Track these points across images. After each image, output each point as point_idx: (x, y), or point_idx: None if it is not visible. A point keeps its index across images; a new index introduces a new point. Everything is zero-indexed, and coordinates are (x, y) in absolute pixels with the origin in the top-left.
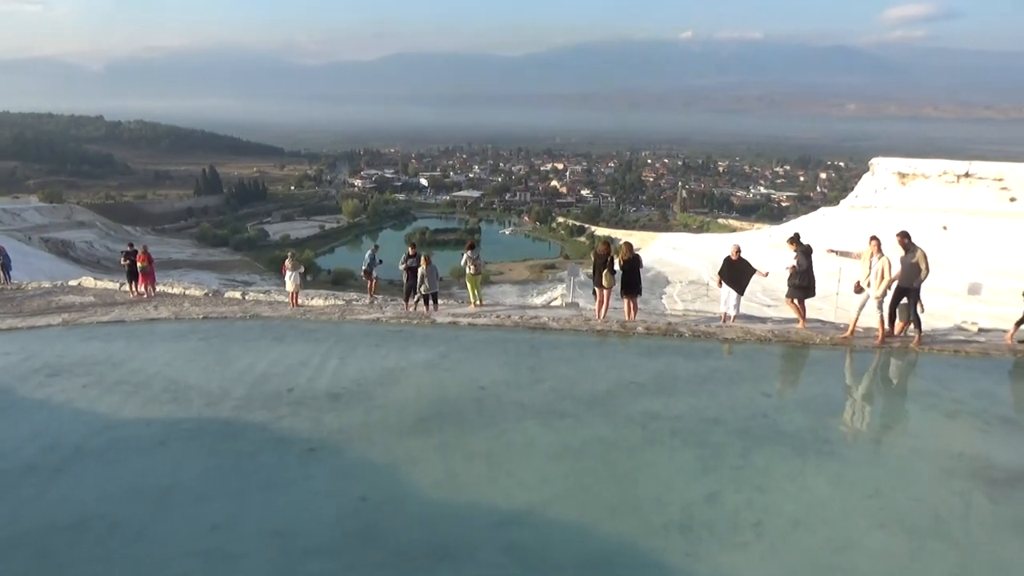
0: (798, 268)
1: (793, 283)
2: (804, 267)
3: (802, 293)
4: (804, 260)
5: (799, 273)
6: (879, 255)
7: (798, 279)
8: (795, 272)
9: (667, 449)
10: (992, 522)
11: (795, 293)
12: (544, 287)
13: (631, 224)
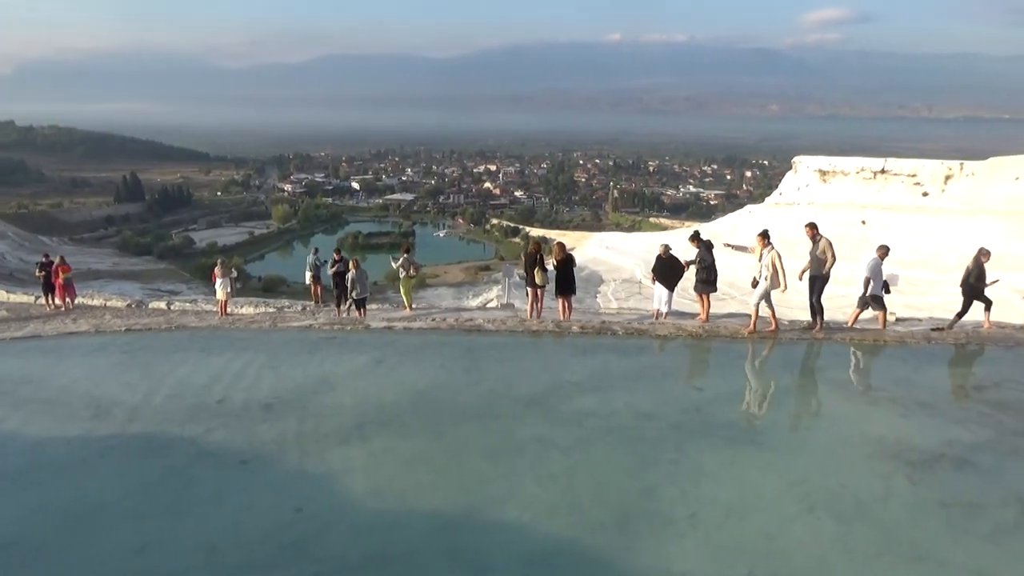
0: (703, 263)
1: (701, 278)
2: (708, 262)
3: (707, 287)
4: (708, 256)
5: (704, 268)
6: (768, 249)
7: (704, 273)
8: (701, 267)
9: (603, 446)
10: (912, 502)
11: (701, 288)
12: (480, 289)
13: (565, 224)
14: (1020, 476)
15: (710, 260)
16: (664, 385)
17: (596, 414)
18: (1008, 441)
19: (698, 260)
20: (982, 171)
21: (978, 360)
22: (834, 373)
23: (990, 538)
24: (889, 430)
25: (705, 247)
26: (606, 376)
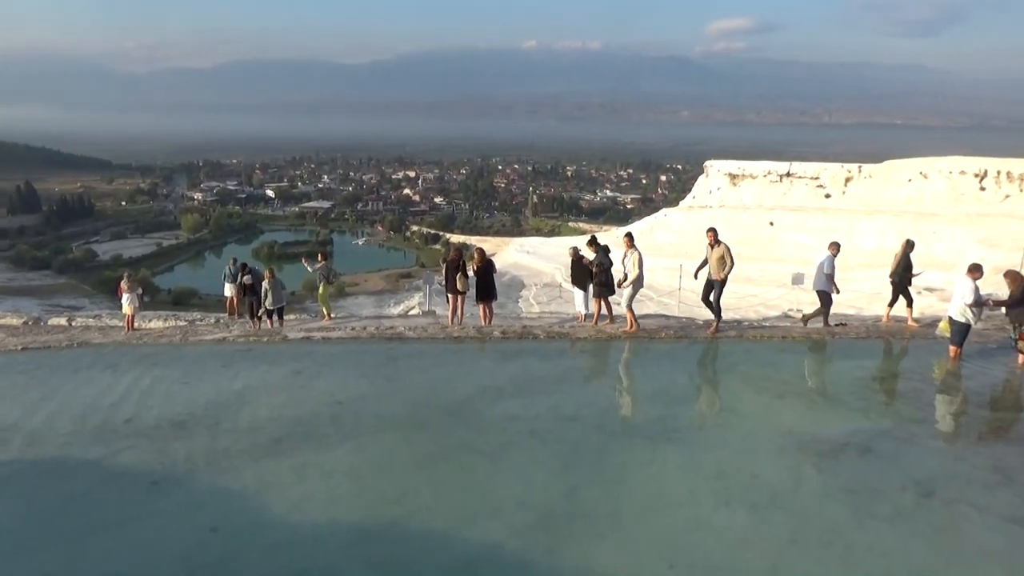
0: (600, 267)
1: (598, 281)
2: (606, 266)
3: (606, 291)
4: (606, 260)
5: (602, 272)
6: (632, 251)
7: (603, 277)
8: (599, 271)
9: (527, 450)
10: (820, 490)
11: (598, 291)
12: (401, 296)
13: (485, 230)
14: (917, 461)
15: (607, 264)
16: (585, 387)
17: (519, 418)
18: (906, 428)
19: (596, 264)
20: (879, 174)
21: (877, 353)
22: (746, 370)
23: (891, 520)
24: (797, 422)
25: (603, 251)
26: (528, 380)
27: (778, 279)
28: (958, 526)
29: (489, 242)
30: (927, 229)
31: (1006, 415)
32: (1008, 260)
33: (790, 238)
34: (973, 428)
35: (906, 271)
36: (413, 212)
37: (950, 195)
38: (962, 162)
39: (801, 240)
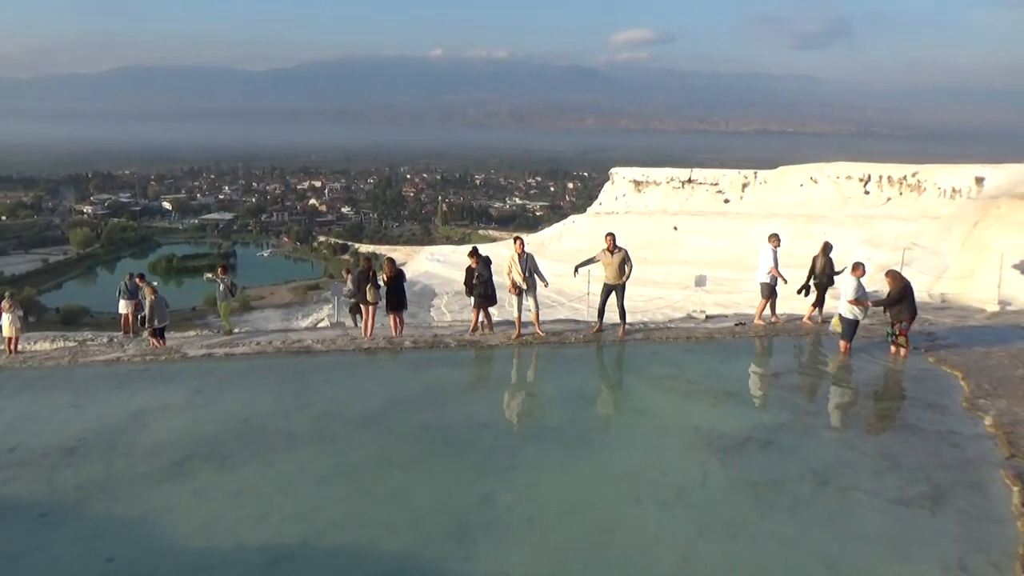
0: (479, 278)
1: (477, 292)
2: (485, 277)
3: (485, 301)
4: (485, 271)
5: (482, 283)
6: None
7: (481, 288)
8: (478, 282)
9: (441, 459)
10: (725, 484)
11: (480, 302)
12: (309, 309)
13: (395, 239)
14: (814, 452)
15: (486, 275)
16: (498, 393)
17: (433, 427)
18: (803, 421)
19: (476, 275)
20: (773, 179)
21: (775, 350)
22: (653, 370)
23: (791, 509)
24: (703, 419)
25: (483, 263)
26: (441, 389)
27: (683, 281)
28: (851, 511)
29: (399, 251)
30: (818, 231)
31: (891, 404)
32: (891, 259)
33: (693, 242)
34: (863, 418)
35: (829, 271)
36: (320, 222)
37: (838, 198)
38: (848, 167)
39: (703, 243)
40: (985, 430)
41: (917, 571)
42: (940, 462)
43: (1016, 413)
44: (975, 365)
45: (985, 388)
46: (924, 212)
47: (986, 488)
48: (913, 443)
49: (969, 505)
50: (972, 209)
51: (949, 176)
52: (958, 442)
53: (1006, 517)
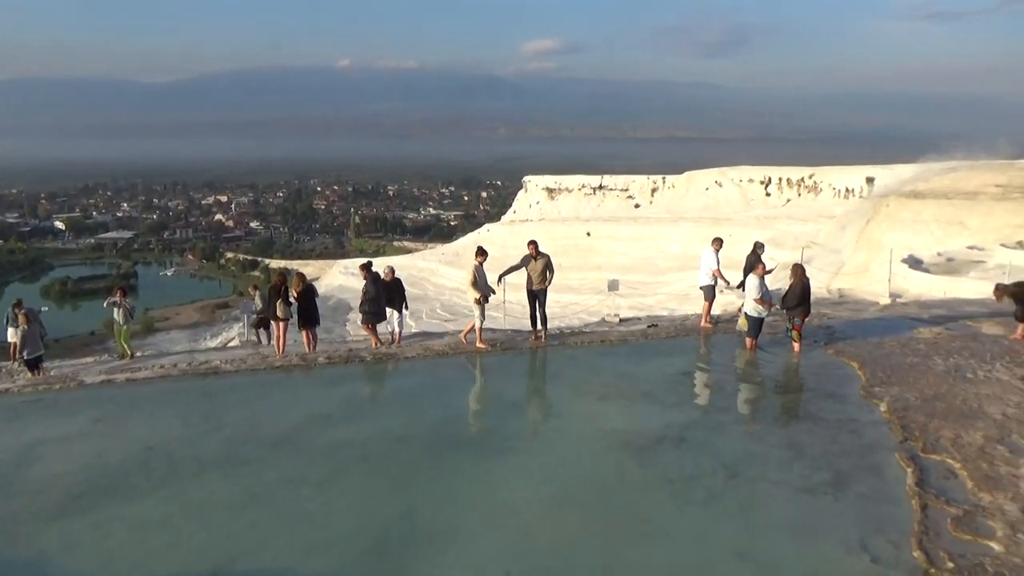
0: (368, 296)
1: (363, 309)
2: (372, 294)
3: (372, 318)
4: (372, 288)
5: (368, 300)
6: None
7: (367, 305)
8: (365, 299)
9: (358, 476)
10: (642, 483)
11: (367, 319)
12: (218, 328)
13: (307, 253)
14: (724, 447)
15: (373, 292)
16: (415, 406)
17: (349, 444)
18: (713, 417)
19: (363, 292)
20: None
21: (686, 350)
22: (570, 375)
23: (704, 503)
24: (619, 421)
25: (371, 279)
26: (357, 404)
27: (597, 286)
28: (760, 501)
29: (312, 266)
30: (724, 233)
31: (795, 396)
32: (792, 258)
33: (606, 247)
34: (769, 411)
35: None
36: (227, 238)
37: (741, 201)
38: (750, 171)
39: (616, 248)
40: (880, 416)
41: (822, 554)
42: (841, 449)
43: (907, 399)
44: (870, 355)
45: (879, 377)
46: (821, 212)
47: (883, 471)
48: (816, 432)
49: (868, 488)
50: (864, 208)
51: (843, 177)
52: (856, 429)
53: (901, 497)
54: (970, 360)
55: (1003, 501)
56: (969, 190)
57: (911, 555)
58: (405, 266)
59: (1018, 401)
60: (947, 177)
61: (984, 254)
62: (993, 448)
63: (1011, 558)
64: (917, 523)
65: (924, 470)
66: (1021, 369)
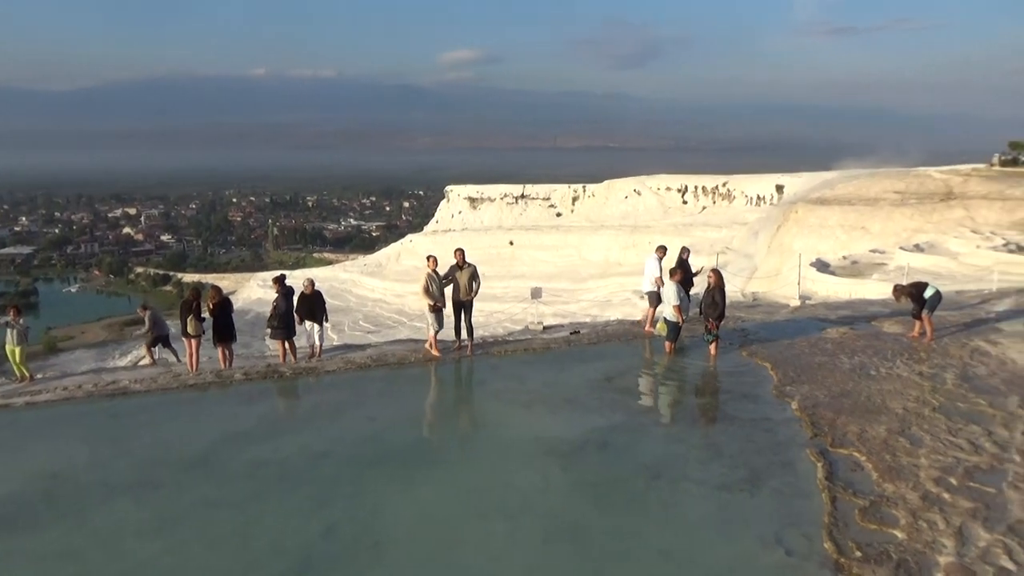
0: (277, 310)
1: (271, 324)
2: (283, 309)
3: (283, 334)
4: (283, 303)
5: (278, 315)
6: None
7: (276, 320)
8: (274, 313)
9: (277, 494)
10: (567, 489)
11: (276, 334)
12: (128, 346)
13: (222, 267)
14: (646, 449)
15: (284, 307)
16: (337, 421)
17: (268, 462)
18: (635, 420)
19: (272, 306)
20: (600, 192)
21: (607, 355)
22: (494, 384)
23: (627, 505)
24: (543, 428)
25: (283, 293)
26: (276, 421)
27: (521, 294)
28: (681, 501)
29: (228, 279)
30: (643, 240)
31: (712, 398)
32: (709, 263)
33: (529, 255)
34: (688, 413)
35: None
36: (136, 253)
37: (659, 208)
38: (667, 179)
39: (539, 256)
40: (792, 414)
41: (740, 550)
42: (756, 447)
43: (817, 397)
44: (781, 356)
45: (791, 376)
46: (735, 219)
47: (795, 467)
48: (732, 432)
49: (782, 484)
50: (775, 215)
51: (754, 185)
52: (770, 427)
53: (812, 491)
54: (873, 358)
55: (905, 490)
56: (871, 196)
57: (822, 546)
58: (326, 278)
59: (917, 395)
60: (850, 184)
61: (885, 257)
62: (895, 440)
63: (913, 544)
64: (827, 515)
65: (833, 464)
66: (919, 365)
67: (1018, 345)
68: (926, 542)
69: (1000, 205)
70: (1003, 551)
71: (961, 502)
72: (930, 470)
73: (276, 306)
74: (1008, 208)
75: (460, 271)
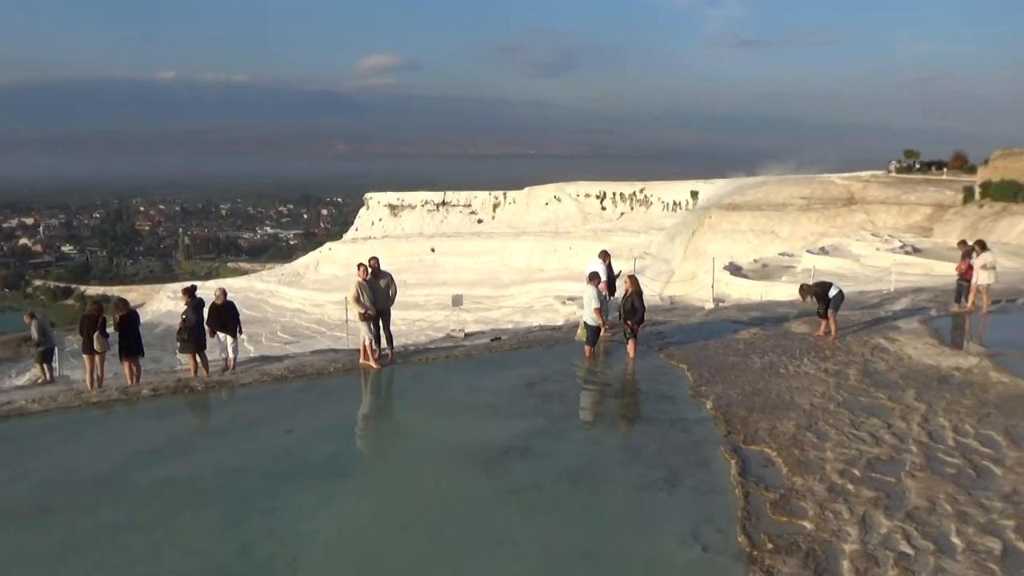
0: (187, 323)
1: (180, 337)
2: (193, 322)
3: (193, 347)
4: (193, 315)
5: (187, 328)
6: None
7: (185, 333)
8: (183, 326)
9: (189, 514)
10: (489, 495)
11: (186, 348)
12: (25, 364)
13: (130, 278)
14: (567, 453)
15: (193, 320)
16: (252, 434)
17: (179, 481)
18: (556, 425)
19: (181, 319)
20: (521, 199)
21: (528, 361)
22: (415, 392)
23: (550, 510)
24: (465, 435)
25: (193, 305)
26: (188, 437)
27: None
28: (602, 503)
29: (136, 291)
30: (564, 246)
31: (631, 400)
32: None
33: (450, 262)
34: (608, 415)
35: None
36: (35, 265)
37: (579, 215)
38: (587, 186)
39: (460, 263)
40: (707, 413)
41: (658, 548)
42: (673, 447)
43: (730, 396)
44: (696, 357)
45: (705, 377)
46: (652, 224)
47: (710, 464)
48: (650, 433)
49: (698, 482)
50: (690, 220)
51: (670, 192)
52: (686, 427)
53: (727, 487)
54: (782, 357)
55: (813, 483)
56: (779, 202)
57: (736, 540)
58: (242, 288)
59: (822, 391)
60: (760, 190)
61: (793, 259)
62: (803, 435)
63: (820, 534)
64: (740, 510)
65: (746, 460)
66: (824, 363)
67: (914, 342)
68: (832, 531)
69: (897, 209)
70: (902, 536)
71: (864, 492)
72: (835, 463)
73: (185, 319)
74: (904, 212)
75: (376, 280)
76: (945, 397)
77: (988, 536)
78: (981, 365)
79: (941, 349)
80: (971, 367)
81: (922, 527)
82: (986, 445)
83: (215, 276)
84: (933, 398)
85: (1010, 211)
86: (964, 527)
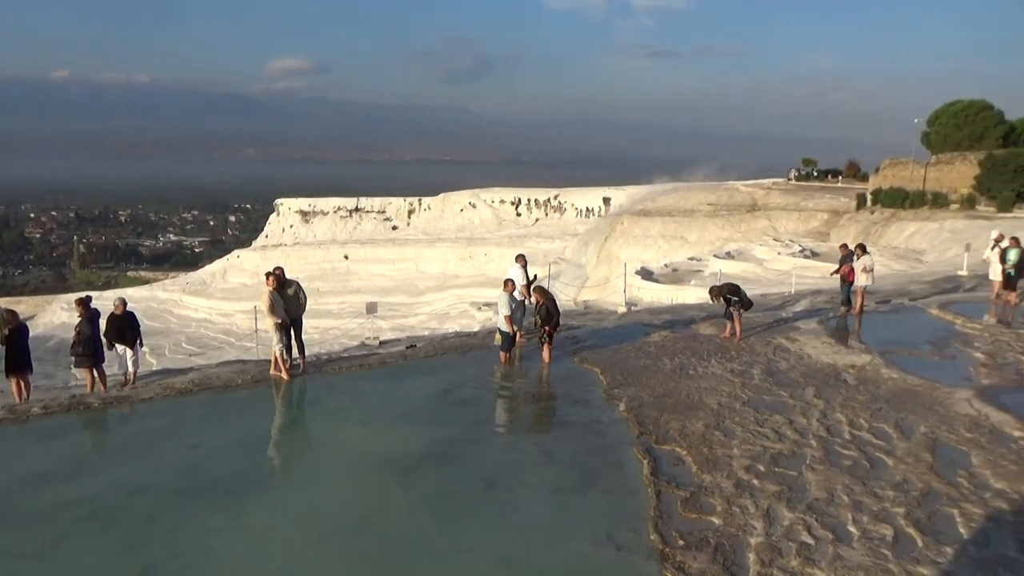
0: (82, 335)
1: (75, 351)
2: (88, 334)
3: (89, 361)
4: (88, 328)
5: (82, 341)
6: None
7: (81, 347)
8: (78, 339)
9: (85, 538)
10: (405, 505)
11: (82, 362)
12: None
13: (19, 289)
14: (484, 458)
15: (88, 332)
16: (155, 452)
17: (74, 503)
18: (472, 431)
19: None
20: (436, 205)
21: (444, 367)
22: (329, 402)
23: (467, 516)
24: (380, 445)
25: (88, 317)
26: (83, 457)
27: (357, 309)
28: (518, 507)
29: (25, 302)
30: (480, 252)
31: (546, 404)
32: (543, 274)
33: (365, 269)
34: (523, 420)
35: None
36: None
37: (495, 221)
38: (502, 192)
39: (375, 270)
40: (620, 415)
41: (574, 549)
42: (588, 449)
43: (642, 397)
44: (609, 361)
45: (618, 379)
46: (566, 230)
47: (624, 465)
48: (565, 436)
49: (612, 483)
50: (603, 226)
51: (583, 198)
52: (600, 429)
53: (640, 487)
54: (691, 358)
55: (720, 479)
56: (688, 208)
57: (649, 539)
58: (143, 298)
59: (729, 391)
60: (669, 197)
61: (701, 264)
62: (711, 434)
63: (728, 528)
64: (652, 509)
65: (657, 460)
66: (731, 363)
67: (812, 341)
68: (739, 526)
69: (797, 215)
70: (803, 528)
71: (768, 486)
72: (741, 459)
73: (80, 331)
74: (803, 218)
75: (284, 288)
76: (841, 393)
77: (881, 523)
78: (873, 363)
79: (837, 348)
80: (864, 364)
81: (821, 518)
82: (879, 438)
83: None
84: (831, 395)
85: (898, 217)
86: (859, 516)
